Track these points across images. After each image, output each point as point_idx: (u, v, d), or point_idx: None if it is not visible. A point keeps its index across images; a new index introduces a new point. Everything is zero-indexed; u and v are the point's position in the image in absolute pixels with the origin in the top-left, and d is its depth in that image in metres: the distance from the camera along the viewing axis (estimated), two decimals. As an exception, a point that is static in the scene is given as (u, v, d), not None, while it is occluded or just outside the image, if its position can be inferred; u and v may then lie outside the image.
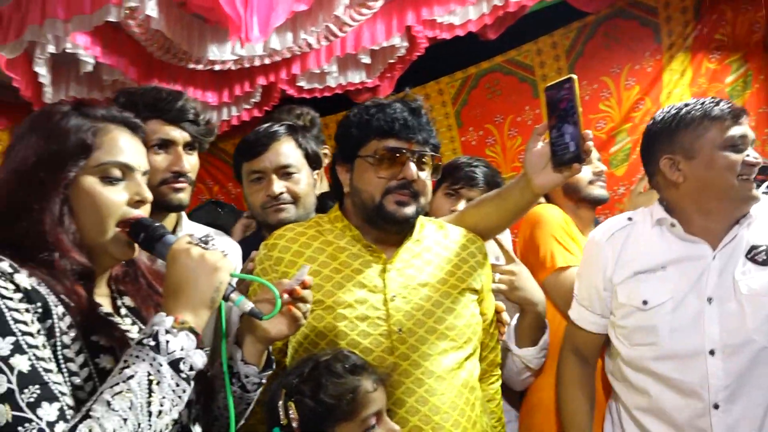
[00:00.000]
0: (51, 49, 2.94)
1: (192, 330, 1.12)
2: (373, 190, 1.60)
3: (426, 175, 1.63)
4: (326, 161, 2.65)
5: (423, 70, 4.07)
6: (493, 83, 4.12)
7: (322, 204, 2.35)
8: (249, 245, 2.01)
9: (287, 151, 2.07)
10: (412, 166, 1.58)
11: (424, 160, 1.62)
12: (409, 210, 1.60)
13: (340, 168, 1.69)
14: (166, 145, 1.77)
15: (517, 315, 2.05)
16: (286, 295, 1.31)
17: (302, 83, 3.85)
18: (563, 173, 1.56)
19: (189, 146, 1.82)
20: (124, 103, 1.70)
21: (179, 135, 1.78)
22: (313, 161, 2.16)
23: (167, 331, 1.09)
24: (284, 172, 2.05)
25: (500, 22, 3.61)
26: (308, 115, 2.57)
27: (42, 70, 3.17)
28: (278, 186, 2.03)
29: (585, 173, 2.39)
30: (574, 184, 2.35)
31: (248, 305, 1.23)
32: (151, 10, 2.71)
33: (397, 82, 4.11)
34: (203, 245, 1.18)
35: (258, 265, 1.68)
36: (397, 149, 1.58)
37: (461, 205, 2.30)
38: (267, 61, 3.45)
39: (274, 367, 1.41)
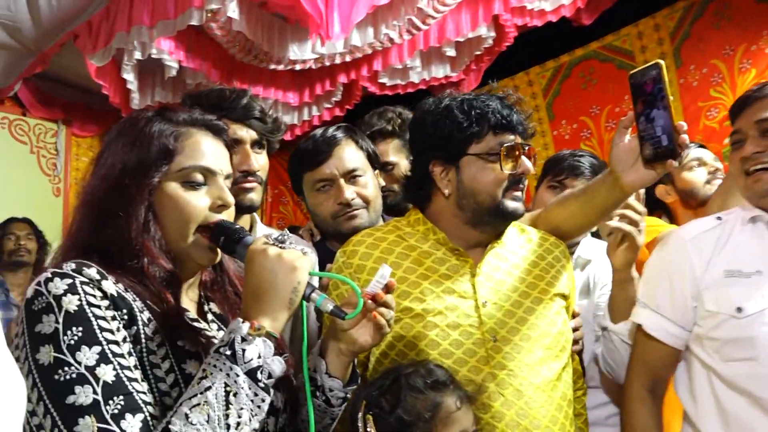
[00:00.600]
0: (137, 55, 3.13)
1: (270, 335, 1.11)
2: (495, 188, 1.58)
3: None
4: None
5: (511, 60, 4.02)
6: (588, 72, 4.03)
7: None
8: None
9: (350, 155, 2.03)
10: (527, 160, 1.57)
11: (528, 153, 1.61)
12: (523, 204, 1.62)
13: (439, 169, 1.67)
14: (233, 144, 1.70)
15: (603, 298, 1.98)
16: (369, 301, 1.28)
17: (384, 80, 3.89)
18: (656, 170, 1.49)
19: (257, 144, 1.84)
20: (190, 106, 1.76)
21: (246, 133, 1.81)
22: (374, 161, 2.16)
23: (243, 339, 1.09)
24: (351, 176, 2.01)
25: (595, 5, 3.52)
26: (398, 118, 2.52)
27: (129, 77, 3.37)
28: (349, 192, 1.99)
29: (700, 174, 2.27)
30: (689, 189, 2.24)
31: (330, 304, 1.21)
32: (233, 11, 2.83)
33: (484, 75, 4.09)
34: (280, 244, 1.17)
35: (337, 274, 1.69)
36: (515, 145, 1.57)
37: None
38: (348, 58, 3.51)
39: (359, 381, 1.40)
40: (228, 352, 1.08)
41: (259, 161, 1.83)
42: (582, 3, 3.38)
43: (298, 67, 3.48)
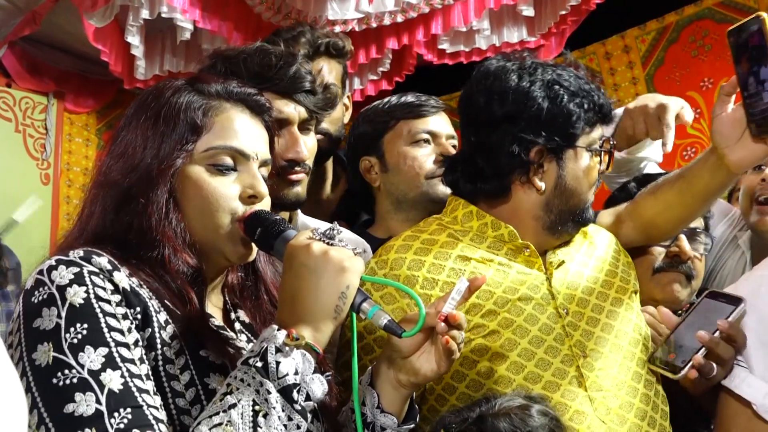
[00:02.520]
0: (144, 14, 3.15)
1: (310, 348, 1.12)
2: (588, 190, 1.66)
3: None
4: None
5: (602, 21, 3.94)
6: (700, 35, 3.95)
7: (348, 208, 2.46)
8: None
9: (448, 122, 2.24)
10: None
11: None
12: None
13: (538, 157, 1.62)
14: (279, 124, 1.71)
15: None
16: (441, 324, 1.26)
17: (444, 45, 3.84)
18: (767, 142, 1.49)
19: (306, 124, 1.81)
20: (224, 72, 1.70)
21: (294, 111, 1.76)
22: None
23: (278, 350, 1.09)
24: (450, 143, 2.20)
25: (713, -49, 3.43)
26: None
27: (134, 40, 3.39)
28: (450, 151, 2.16)
29: None
30: None
31: (384, 318, 1.20)
32: (260, -39, 2.82)
33: (568, 40, 4.01)
34: (328, 240, 1.18)
35: (375, 292, 1.62)
36: (609, 139, 1.67)
37: None
38: (399, 18, 3.48)
39: (417, 419, 1.40)
40: (259, 364, 1.09)
41: (308, 145, 1.81)
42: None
43: (338, 29, 3.44)
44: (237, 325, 1.37)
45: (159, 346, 1.15)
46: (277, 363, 1.08)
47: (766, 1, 3.73)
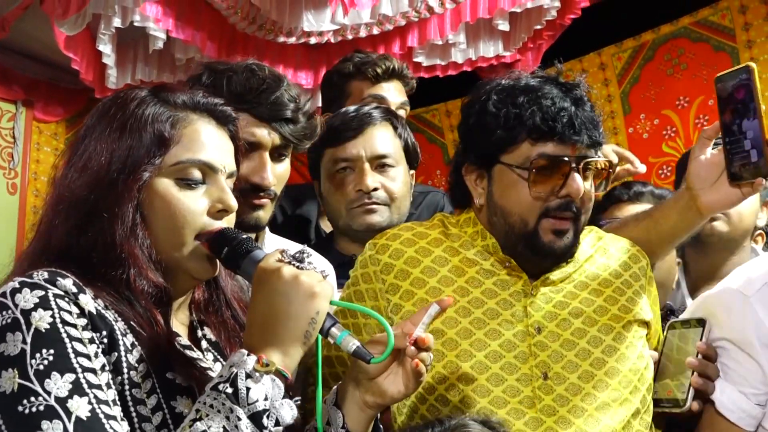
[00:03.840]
0: (117, 22, 3.14)
1: (279, 373, 1.13)
2: (526, 212, 1.57)
3: (591, 186, 1.60)
4: None
5: (579, 37, 3.99)
6: (676, 54, 3.98)
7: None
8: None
9: (384, 138, 2.10)
10: (578, 180, 1.53)
11: (590, 167, 1.58)
12: (568, 239, 1.58)
13: (470, 174, 1.66)
14: (250, 147, 1.75)
15: None
16: (411, 347, 1.28)
17: (420, 59, 3.86)
18: (742, 189, 1.54)
19: (279, 151, 1.83)
20: (207, 85, 1.74)
21: (267, 137, 1.78)
22: (412, 157, 2.19)
23: (248, 375, 1.10)
24: (380, 163, 2.09)
25: (688, -30, 3.49)
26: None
27: (106, 49, 3.38)
28: (372, 179, 2.06)
29: None
30: None
31: (353, 343, 1.21)
32: (235, -29, 2.83)
33: (544, 55, 4.05)
34: (297, 263, 1.18)
35: (359, 269, 1.68)
36: (559, 158, 1.53)
37: None
38: (376, 31, 3.50)
39: None
40: (229, 390, 1.09)
41: (277, 171, 1.81)
42: (672, -33, 3.34)
43: (313, 40, 3.49)
44: (203, 344, 1.37)
45: (125, 370, 1.15)
46: (248, 389, 1.09)
47: (741, 20, 3.77)
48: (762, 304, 1.66)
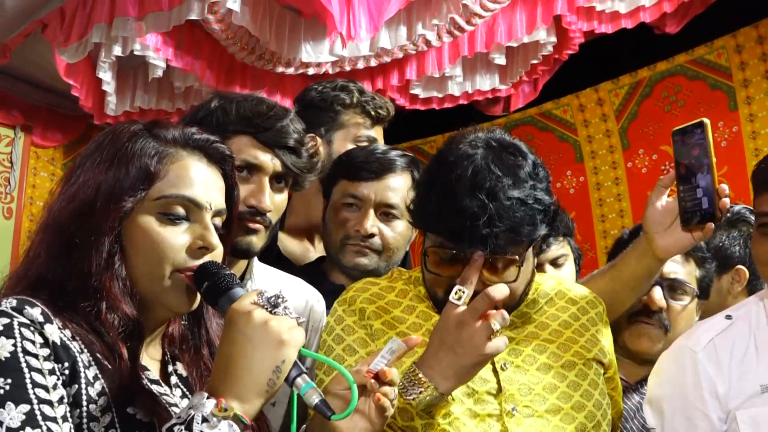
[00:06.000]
0: (117, 51, 3.21)
1: (238, 419, 1.11)
2: (436, 289, 1.63)
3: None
4: None
5: (576, 73, 4.06)
6: (672, 91, 4.05)
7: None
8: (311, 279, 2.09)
9: (399, 189, 2.12)
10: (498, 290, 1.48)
11: (499, 264, 1.55)
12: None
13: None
14: (251, 170, 1.80)
15: None
16: (372, 381, 1.29)
17: (417, 91, 3.94)
18: (693, 234, 1.67)
19: (279, 179, 1.86)
20: (215, 109, 1.81)
21: (269, 162, 1.81)
22: None
23: (204, 419, 1.08)
24: (385, 212, 2.12)
25: (684, 9, 3.54)
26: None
27: (106, 76, 3.45)
28: (372, 224, 2.10)
29: None
30: None
31: (315, 397, 1.18)
32: (234, 2, 2.90)
33: (542, 90, 4.14)
34: (271, 308, 1.17)
35: (336, 327, 1.69)
36: (455, 257, 1.54)
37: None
38: (374, 63, 3.57)
39: None
40: None
41: (275, 200, 1.84)
42: (669, 7, 3.40)
43: (311, 71, 3.54)
44: (173, 379, 1.36)
45: (85, 403, 1.14)
46: None
47: (737, 60, 3.81)
48: (709, 359, 1.73)
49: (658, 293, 2.06)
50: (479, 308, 1.40)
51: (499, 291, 1.40)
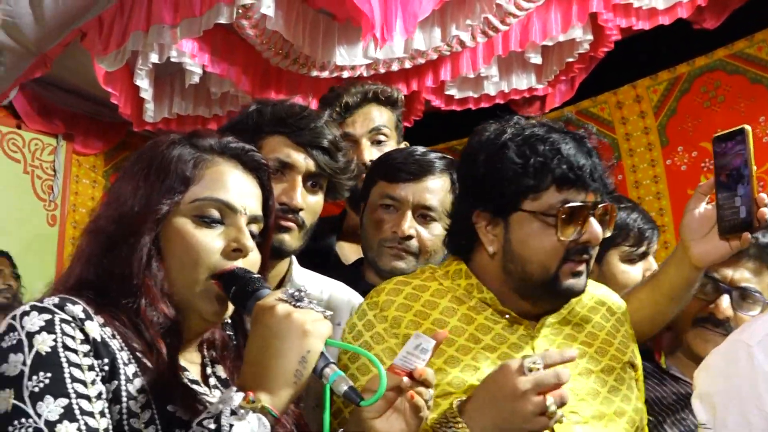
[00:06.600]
0: (154, 58, 3.25)
1: (266, 411, 1.11)
2: (549, 259, 1.58)
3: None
4: None
5: (613, 70, 4.02)
6: (712, 86, 3.99)
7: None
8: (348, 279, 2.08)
9: (437, 191, 2.12)
10: (596, 225, 1.56)
11: (602, 214, 1.60)
12: (584, 279, 1.61)
13: (481, 221, 1.64)
14: (284, 169, 1.81)
15: None
16: (405, 379, 1.28)
17: (452, 91, 3.93)
18: (731, 243, 1.66)
19: (313, 180, 1.86)
20: (251, 112, 1.84)
21: (302, 161, 1.82)
22: None
23: (233, 412, 1.09)
24: (423, 213, 2.10)
25: (723, 4, 3.50)
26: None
27: (144, 84, 3.50)
28: (410, 226, 2.08)
29: None
30: None
31: (344, 385, 1.17)
32: (267, 7, 2.92)
33: (579, 87, 4.11)
34: (295, 302, 1.18)
35: (366, 332, 1.65)
36: (582, 205, 1.56)
37: (655, 266, 2.29)
38: (408, 65, 3.57)
39: None
40: (212, 426, 1.09)
41: (308, 200, 1.84)
42: (704, 1, 3.35)
43: (346, 74, 3.55)
44: (212, 380, 1.38)
45: (125, 399, 1.16)
46: (231, 426, 1.08)
47: (777, 52, 3.79)
48: (765, 353, 1.67)
49: (725, 302, 2.00)
50: (545, 384, 1.36)
51: (566, 376, 1.37)
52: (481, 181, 1.62)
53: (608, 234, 1.62)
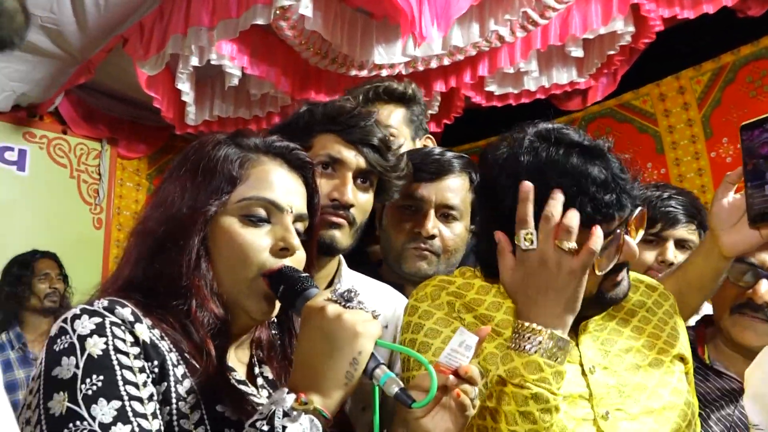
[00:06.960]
0: (194, 61, 3.28)
1: (318, 413, 1.12)
2: (590, 289, 1.55)
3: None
4: None
5: (655, 62, 3.97)
6: (758, 75, 3.91)
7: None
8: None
9: (457, 190, 2.11)
10: (631, 243, 1.51)
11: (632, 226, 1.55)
12: (626, 283, 1.58)
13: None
14: (335, 165, 1.83)
15: None
16: (451, 377, 1.26)
17: (492, 87, 3.91)
18: (761, 231, 1.62)
19: (363, 177, 1.86)
20: (303, 113, 1.86)
21: (353, 158, 1.82)
22: (475, 213, 2.17)
23: (285, 414, 1.09)
24: (445, 213, 2.09)
25: (768, -10, 3.43)
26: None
27: (185, 87, 3.54)
28: (433, 225, 2.07)
29: None
30: None
31: (395, 387, 1.17)
32: (306, 7, 2.92)
33: (621, 81, 4.05)
34: (345, 302, 1.18)
35: (425, 321, 1.62)
36: (611, 237, 1.50)
37: (670, 252, 2.30)
38: (447, 61, 3.55)
39: None
40: (265, 428, 1.09)
41: (359, 198, 1.84)
42: (750, -12, 3.29)
43: (385, 72, 3.55)
44: (260, 381, 1.38)
45: (174, 400, 1.17)
46: (284, 427, 1.09)
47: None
48: None
49: (764, 286, 1.97)
50: (589, 263, 1.42)
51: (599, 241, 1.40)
52: (507, 216, 1.55)
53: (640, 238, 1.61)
